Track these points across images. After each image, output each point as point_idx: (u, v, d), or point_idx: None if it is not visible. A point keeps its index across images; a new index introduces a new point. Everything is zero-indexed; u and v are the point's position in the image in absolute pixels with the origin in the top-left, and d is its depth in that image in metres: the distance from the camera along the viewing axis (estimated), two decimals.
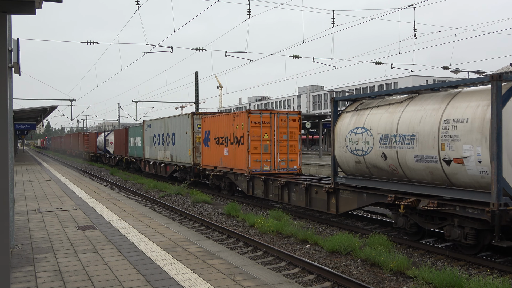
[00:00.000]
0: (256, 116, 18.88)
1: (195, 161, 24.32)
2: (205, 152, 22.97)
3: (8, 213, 4.24)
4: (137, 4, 18.04)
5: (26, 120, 44.15)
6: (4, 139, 4.19)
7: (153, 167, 31.78)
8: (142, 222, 11.95)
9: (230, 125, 20.18)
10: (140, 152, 35.15)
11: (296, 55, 25.60)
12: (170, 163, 28.12)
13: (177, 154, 26.62)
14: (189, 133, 24.70)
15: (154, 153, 31.28)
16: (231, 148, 20.05)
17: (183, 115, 26.36)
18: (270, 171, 18.89)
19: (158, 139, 30.48)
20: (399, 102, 12.21)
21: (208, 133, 22.47)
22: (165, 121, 29.14)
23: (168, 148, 28.27)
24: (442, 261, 10.41)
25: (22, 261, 8.17)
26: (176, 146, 26.75)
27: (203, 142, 23.10)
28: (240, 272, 7.44)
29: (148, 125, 32.95)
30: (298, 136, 19.59)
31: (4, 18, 4.17)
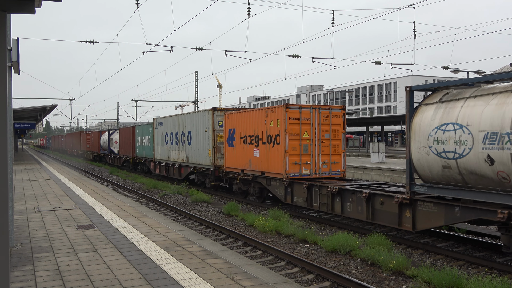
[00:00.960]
0: (294, 111, 16.41)
1: (216, 162, 21.83)
2: (229, 153, 20.37)
3: (7, 212, 4.24)
4: (136, 4, 18.03)
5: (25, 119, 44.13)
6: (3, 138, 4.18)
7: (164, 169, 29.28)
8: (141, 222, 11.95)
9: (261, 122, 17.72)
10: (149, 152, 32.65)
11: (296, 54, 25.61)
12: (185, 165, 25.65)
13: (194, 155, 24.19)
14: (209, 131, 22.24)
15: (166, 154, 28.79)
16: (263, 149, 17.66)
17: (202, 111, 23.58)
18: (310, 175, 16.53)
19: (171, 138, 28.02)
20: (509, 90, 9.62)
21: (233, 131, 19.92)
22: (180, 119, 26.66)
23: (183, 148, 25.86)
24: (442, 261, 10.42)
25: (21, 260, 8.17)
26: (193, 146, 24.31)
27: (227, 141, 20.45)
28: (239, 271, 7.44)
29: (159, 123, 30.40)
30: (342, 134, 17.19)
31: (4, 17, 4.17)
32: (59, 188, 20.34)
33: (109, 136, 46.36)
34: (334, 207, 14.34)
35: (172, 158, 27.68)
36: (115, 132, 45.47)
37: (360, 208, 13.25)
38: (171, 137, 28.01)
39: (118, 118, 71.33)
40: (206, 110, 22.80)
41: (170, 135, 28.16)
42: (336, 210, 14.27)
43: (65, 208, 14.30)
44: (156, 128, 30.78)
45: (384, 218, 12.47)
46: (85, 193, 18.43)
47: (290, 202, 16.39)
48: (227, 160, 20.59)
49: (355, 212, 13.50)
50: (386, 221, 12.40)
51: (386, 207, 12.34)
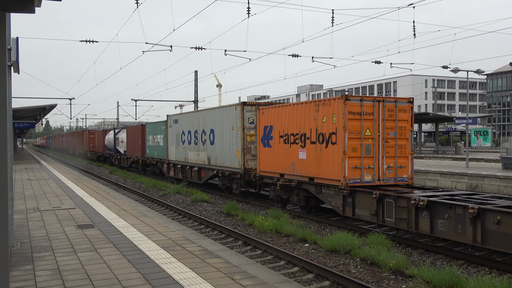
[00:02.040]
0: (355, 104, 13.69)
1: (245, 165, 18.97)
2: (264, 154, 17.68)
3: (7, 211, 4.24)
4: (136, 3, 18.02)
5: (25, 118, 44.13)
6: (3, 138, 4.18)
7: (180, 171, 26.23)
8: (141, 221, 11.95)
9: (309, 117, 15.02)
10: (162, 152, 29.67)
11: (296, 54, 25.61)
12: (206, 167, 22.81)
13: (218, 156, 21.38)
14: (237, 129, 19.45)
15: (183, 155, 25.92)
16: (312, 150, 14.87)
17: (228, 106, 20.60)
18: (373, 181, 13.82)
19: (188, 138, 25.12)
20: None
21: (270, 129, 17.27)
22: (200, 115, 23.73)
23: (203, 148, 23.05)
24: (441, 260, 10.42)
25: (21, 260, 8.17)
26: (217, 146, 21.55)
27: (261, 141, 17.78)
28: (239, 271, 7.44)
29: (174, 120, 27.47)
30: (409, 132, 14.45)
31: (4, 17, 4.17)
32: (58, 188, 20.34)
33: (115, 135, 43.27)
34: (419, 225, 11.54)
35: (190, 160, 24.78)
36: (122, 131, 42.68)
37: (462, 227, 10.45)
38: (188, 136, 25.12)
39: (117, 118, 71.32)
40: (234, 104, 19.99)
41: (187, 134, 25.29)
42: (422, 228, 11.46)
43: (65, 208, 14.30)
44: (170, 126, 27.93)
45: (503, 242, 9.66)
46: (85, 193, 18.43)
47: (351, 215, 13.59)
48: (261, 162, 17.92)
49: (453, 233, 10.68)
50: (506, 246, 9.63)
51: (507, 227, 9.60)
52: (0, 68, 4.17)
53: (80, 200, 16.23)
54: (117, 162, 43.62)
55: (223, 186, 21.69)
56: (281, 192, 17.14)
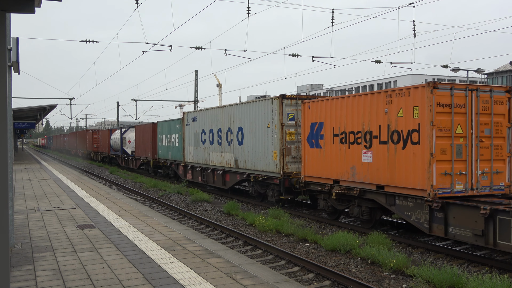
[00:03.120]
0: (444, 94, 11.09)
1: (285, 169, 16.36)
2: (312, 156, 14.85)
3: (7, 212, 4.24)
4: (136, 3, 18.02)
5: (25, 119, 44.14)
6: (3, 138, 4.19)
7: (200, 175, 23.55)
8: (141, 221, 11.95)
9: (378, 111, 12.27)
10: (177, 153, 26.96)
11: (296, 53, 25.60)
12: (233, 171, 20.07)
13: (249, 158, 18.69)
14: (274, 127, 16.85)
15: (203, 156, 23.15)
16: (381, 151, 12.16)
17: (262, 100, 17.93)
18: (465, 191, 11.18)
19: (210, 137, 22.34)
20: None
21: (320, 126, 14.47)
22: (225, 112, 20.92)
23: (229, 149, 20.29)
24: (442, 260, 10.42)
25: (21, 260, 8.17)
26: (247, 146, 18.89)
27: (307, 140, 15.05)
28: (239, 270, 7.44)
29: (192, 118, 24.72)
30: (506, 130, 11.82)
31: (4, 17, 4.17)
32: (59, 188, 20.35)
33: (122, 135, 40.22)
34: None
35: (212, 162, 22.02)
36: (129, 130, 40.05)
37: None
38: (210, 136, 22.32)
39: (118, 118, 71.33)
40: (270, 98, 17.31)
41: (209, 133, 22.50)
42: None
43: (65, 208, 14.31)
44: (187, 125, 25.17)
45: None
46: (85, 193, 18.43)
47: (443, 235, 10.85)
48: (307, 166, 15.13)
49: None
50: None
51: None
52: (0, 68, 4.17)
53: (80, 200, 16.23)
54: (124, 163, 40.90)
55: (254, 193, 18.90)
56: (335, 202, 14.24)
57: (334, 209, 14.67)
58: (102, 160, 49.48)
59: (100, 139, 50.33)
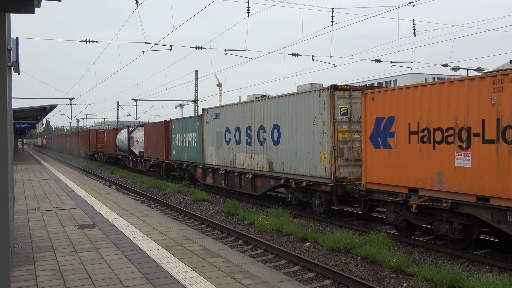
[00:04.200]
0: None
1: (337, 174, 13.85)
2: (377, 158, 12.38)
3: (8, 212, 4.25)
4: (136, 3, 18.02)
5: (25, 119, 44.15)
6: (3, 138, 4.19)
7: (223, 179, 21.09)
8: (142, 221, 11.96)
9: (480, 101, 9.76)
10: (195, 154, 24.55)
11: (296, 53, 25.60)
12: (266, 175, 17.64)
13: (288, 161, 16.11)
14: (322, 123, 14.34)
15: (227, 157, 20.63)
16: (485, 152, 9.68)
17: (307, 92, 15.23)
18: None
19: (236, 136, 19.82)
20: None
21: (389, 121, 12.02)
22: (256, 107, 18.27)
23: (262, 149, 17.82)
24: (442, 259, 10.43)
25: (22, 260, 8.18)
26: (284, 146, 16.32)
27: (370, 139, 12.62)
28: (240, 270, 7.45)
29: (214, 114, 22.07)
30: None
31: (3, 17, 4.17)
32: (59, 188, 20.35)
33: (129, 135, 37.66)
34: None
35: (239, 164, 19.50)
36: (137, 130, 37.74)
37: None
38: (236, 134, 19.84)
39: (118, 118, 71.36)
40: (316, 89, 14.66)
41: (234, 131, 20.01)
42: None
43: (66, 208, 14.31)
44: (208, 122, 22.67)
45: None
46: (86, 193, 18.44)
47: None
48: (371, 170, 12.61)
49: None
50: None
51: None
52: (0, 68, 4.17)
53: (80, 200, 16.24)
54: (132, 164, 38.07)
55: (294, 201, 16.38)
56: (410, 216, 11.74)
57: (408, 224, 12.02)
58: (107, 161, 47.52)
59: (104, 139, 48.13)
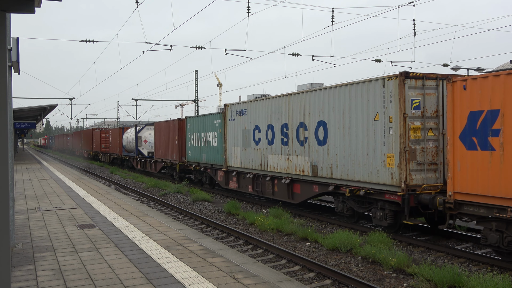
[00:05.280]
0: None
1: (408, 180, 11.52)
2: (470, 161, 10.02)
3: (8, 212, 4.25)
4: (136, 3, 18.02)
5: (25, 119, 44.17)
6: (4, 138, 4.19)
7: (251, 183, 18.72)
8: (142, 221, 11.96)
9: None
10: (215, 156, 22.12)
11: (296, 53, 25.60)
12: (307, 180, 15.22)
13: (338, 163, 13.73)
14: (388, 119, 12.01)
15: (256, 159, 18.31)
16: None
17: (365, 81, 12.76)
18: None
19: (269, 135, 17.48)
20: None
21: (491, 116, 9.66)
22: (294, 101, 15.90)
23: (302, 150, 15.40)
24: (442, 258, 10.43)
25: (22, 260, 8.18)
26: (333, 146, 13.97)
27: (461, 138, 10.26)
28: (240, 270, 7.45)
29: (239, 111, 19.74)
30: None
31: (4, 17, 4.17)
32: (59, 188, 20.35)
33: (137, 134, 35.40)
34: None
35: (272, 168, 17.24)
36: (145, 129, 35.70)
37: None
38: (268, 133, 17.48)
39: (118, 117, 71.39)
40: (380, 78, 12.31)
41: (266, 130, 17.67)
42: None
43: (66, 208, 14.31)
44: (232, 120, 20.36)
45: None
46: (86, 193, 18.44)
47: None
48: (461, 176, 10.24)
49: None
50: None
51: None
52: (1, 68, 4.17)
53: (81, 200, 16.24)
54: (140, 166, 35.57)
55: (346, 212, 13.93)
56: None
57: None
58: (112, 162, 45.42)
59: (109, 138, 45.91)
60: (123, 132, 40.29)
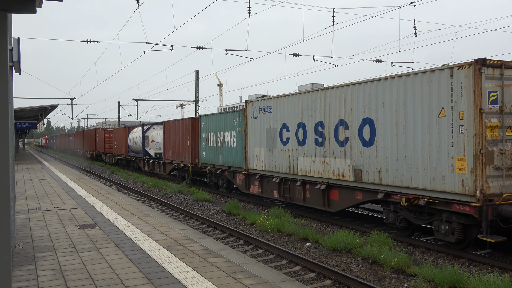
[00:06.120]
0: None
1: (484, 189, 9.79)
2: None
3: (9, 211, 4.25)
4: (137, 3, 18.04)
5: (26, 119, 44.19)
6: (4, 138, 4.19)
7: (277, 188, 17.03)
8: (142, 221, 11.96)
9: None
10: (233, 157, 20.40)
11: (297, 53, 25.60)
12: (348, 186, 13.53)
13: (390, 167, 11.93)
14: (458, 115, 10.26)
15: (284, 161, 16.56)
16: None
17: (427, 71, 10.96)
18: None
19: (299, 134, 15.68)
20: None
21: None
22: (332, 95, 14.17)
23: (342, 152, 13.63)
24: (443, 259, 10.42)
25: (23, 260, 8.19)
26: (382, 147, 12.21)
27: None
28: (241, 270, 7.45)
29: (263, 108, 18.05)
30: None
31: (5, 17, 4.17)
32: (60, 188, 20.37)
33: (144, 134, 33.98)
34: None
35: (303, 171, 15.39)
36: (152, 128, 34.24)
37: None
38: (299, 132, 15.68)
39: (119, 117, 71.47)
40: (447, 67, 10.55)
41: (296, 128, 15.91)
42: None
43: (67, 208, 14.32)
44: (254, 118, 18.63)
45: None
46: (87, 193, 18.45)
47: None
48: None
49: None
50: None
51: None
52: (2, 68, 4.17)
53: (81, 200, 16.25)
54: (147, 167, 33.85)
55: (400, 223, 12.04)
56: None
57: None
58: (116, 163, 44.01)
59: (114, 138, 44.36)
60: (129, 131, 38.75)
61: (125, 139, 39.11)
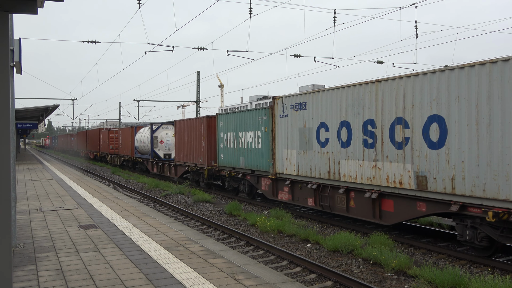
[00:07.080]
0: None
1: None
2: None
3: (10, 212, 4.25)
4: (138, 4, 18.05)
5: (27, 119, 44.18)
6: (6, 138, 4.20)
7: (313, 195, 15.01)
8: (143, 221, 11.97)
9: None
10: (258, 160, 18.32)
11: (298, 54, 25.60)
12: (409, 196, 11.49)
13: (466, 174, 10.00)
14: None
15: (322, 165, 14.47)
16: None
17: None
18: None
19: (342, 134, 13.71)
20: None
21: None
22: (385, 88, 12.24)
23: (399, 155, 11.70)
24: (444, 260, 10.41)
25: (24, 260, 8.19)
26: (455, 150, 10.27)
27: None
28: (241, 271, 7.45)
29: (295, 105, 15.93)
30: None
31: (6, 18, 4.18)
32: (61, 188, 20.38)
33: (152, 134, 32.17)
34: None
35: (347, 176, 13.45)
36: (161, 128, 32.55)
37: None
38: (342, 132, 13.67)
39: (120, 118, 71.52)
40: None
41: (337, 128, 13.87)
42: None
43: (68, 208, 14.33)
44: (284, 116, 16.55)
45: None
46: (87, 193, 18.46)
47: None
48: None
49: None
50: None
51: None
52: (3, 69, 4.18)
53: (82, 200, 16.26)
54: (157, 170, 31.90)
55: (480, 242, 10.05)
56: None
57: None
58: (121, 164, 42.45)
59: (119, 139, 42.58)
60: (136, 132, 36.97)
61: (132, 140, 37.43)
